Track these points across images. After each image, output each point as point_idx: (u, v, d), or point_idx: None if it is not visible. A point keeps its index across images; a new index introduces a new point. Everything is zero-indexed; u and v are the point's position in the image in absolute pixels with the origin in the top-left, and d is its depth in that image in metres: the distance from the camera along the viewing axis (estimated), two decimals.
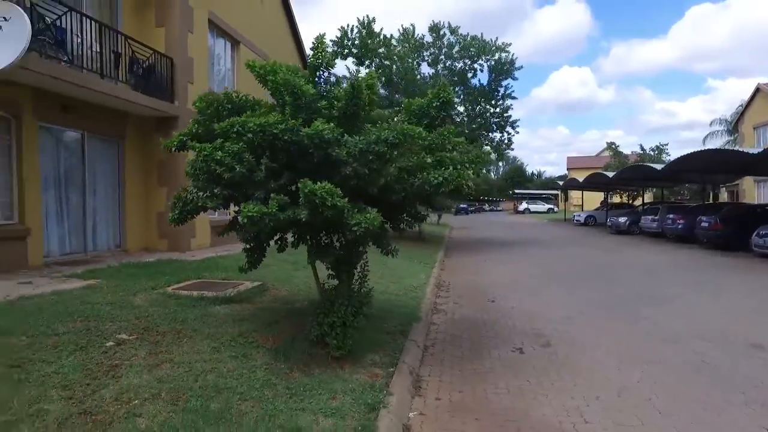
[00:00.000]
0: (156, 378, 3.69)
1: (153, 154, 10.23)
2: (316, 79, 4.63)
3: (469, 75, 18.15)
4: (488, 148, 18.59)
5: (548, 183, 74.28)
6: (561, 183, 45.65)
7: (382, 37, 16.27)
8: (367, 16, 15.92)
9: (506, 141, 18.57)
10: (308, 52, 17.13)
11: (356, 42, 15.41)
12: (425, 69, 18.40)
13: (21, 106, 7.62)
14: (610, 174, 27.86)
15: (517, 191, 72.74)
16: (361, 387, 3.97)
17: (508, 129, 18.48)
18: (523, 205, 64.74)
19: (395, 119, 5.22)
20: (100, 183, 9.52)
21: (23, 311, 4.94)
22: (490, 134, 18.71)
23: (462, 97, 18.73)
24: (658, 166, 20.47)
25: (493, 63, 17.52)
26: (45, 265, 7.82)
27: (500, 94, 18.02)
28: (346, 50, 15.51)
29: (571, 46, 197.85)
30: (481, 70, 18.09)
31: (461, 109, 19.08)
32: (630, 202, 36.21)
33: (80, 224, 9.03)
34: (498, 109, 18.21)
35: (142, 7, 10.33)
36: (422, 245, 16.76)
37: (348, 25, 15.56)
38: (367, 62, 16.18)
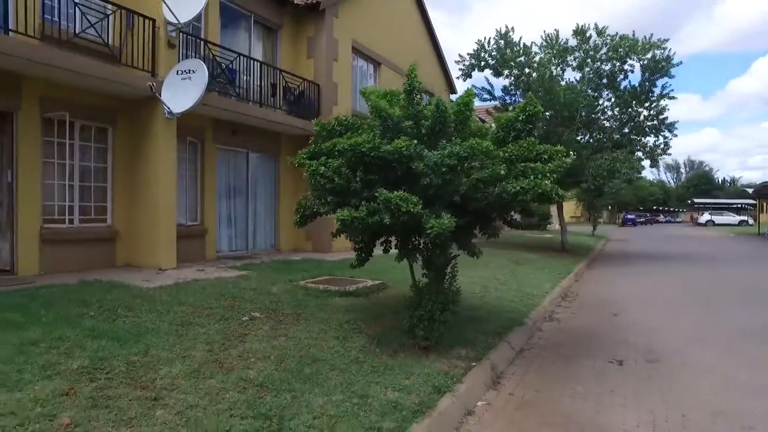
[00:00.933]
0: (271, 346, 4.66)
1: (301, 167, 11.91)
2: (412, 99, 5.24)
3: (620, 77, 16.89)
4: (640, 154, 17.07)
5: (741, 191, 63.57)
6: (751, 191, 38.75)
7: (522, 45, 16.18)
8: (506, 26, 16.08)
9: (662, 145, 16.79)
10: (456, 60, 17.82)
11: (493, 53, 15.60)
12: (570, 74, 17.67)
13: (204, 132, 9.73)
14: None
15: (696, 201, 63.44)
16: (436, 373, 4.42)
17: (665, 132, 16.72)
18: (705, 217, 56.23)
19: (491, 131, 5.59)
20: (260, 193, 11.47)
21: (193, 289, 6.47)
22: (643, 139, 17.13)
23: (612, 100, 17.51)
24: None
25: (645, 62, 16.07)
26: (216, 258, 9.81)
27: (655, 95, 16.42)
28: (483, 62, 15.78)
29: None
30: (631, 71, 16.69)
31: (611, 113, 17.85)
32: None
33: (244, 227, 11.02)
34: (652, 111, 16.59)
35: (296, 44, 12.18)
36: (562, 256, 16.12)
37: (485, 38, 15.84)
38: (506, 72, 16.22)
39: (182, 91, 7.39)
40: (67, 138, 7.56)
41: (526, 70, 15.78)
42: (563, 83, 16.93)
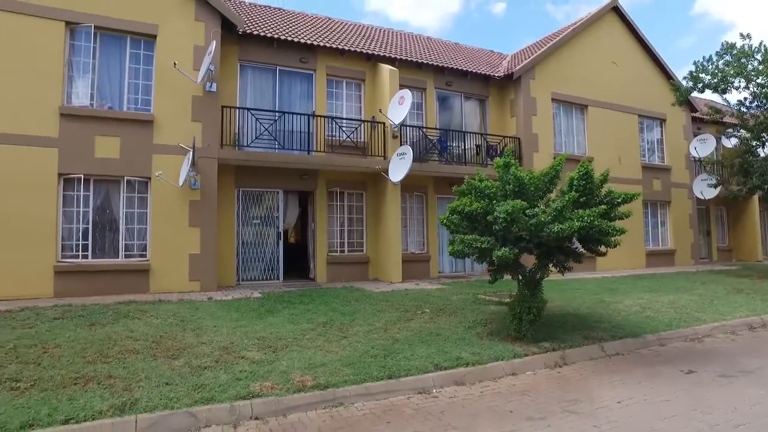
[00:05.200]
0: (420, 326, 7.91)
1: None
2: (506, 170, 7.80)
3: None
4: None
5: None
6: None
7: (764, 49, 14.54)
8: (742, 35, 14.85)
9: None
10: (671, 89, 17.37)
11: (715, 72, 14.55)
12: None
13: (426, 187, 13.79)
14: None
15: None
16: (507, 351, 6.84)
17: None
18: None
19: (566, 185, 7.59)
20: None
21: (400, 294, 10.29)
22: None
23: None
24: None
25: None
26: (437, 277, 13.56)
27: None
28: (700, 83, 14.83)
29: None
30: None
31: None
32: None
33: None
34: None
35: (501, 106, 15.19)
36: None
37: (703, 57, 14.87)
38: (742, 84, 14.75)
39: (399, 167, 11.56)
40: (338, 201, 12.80)
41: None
42: None
